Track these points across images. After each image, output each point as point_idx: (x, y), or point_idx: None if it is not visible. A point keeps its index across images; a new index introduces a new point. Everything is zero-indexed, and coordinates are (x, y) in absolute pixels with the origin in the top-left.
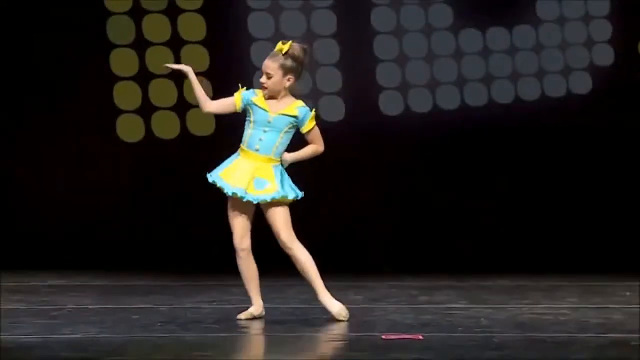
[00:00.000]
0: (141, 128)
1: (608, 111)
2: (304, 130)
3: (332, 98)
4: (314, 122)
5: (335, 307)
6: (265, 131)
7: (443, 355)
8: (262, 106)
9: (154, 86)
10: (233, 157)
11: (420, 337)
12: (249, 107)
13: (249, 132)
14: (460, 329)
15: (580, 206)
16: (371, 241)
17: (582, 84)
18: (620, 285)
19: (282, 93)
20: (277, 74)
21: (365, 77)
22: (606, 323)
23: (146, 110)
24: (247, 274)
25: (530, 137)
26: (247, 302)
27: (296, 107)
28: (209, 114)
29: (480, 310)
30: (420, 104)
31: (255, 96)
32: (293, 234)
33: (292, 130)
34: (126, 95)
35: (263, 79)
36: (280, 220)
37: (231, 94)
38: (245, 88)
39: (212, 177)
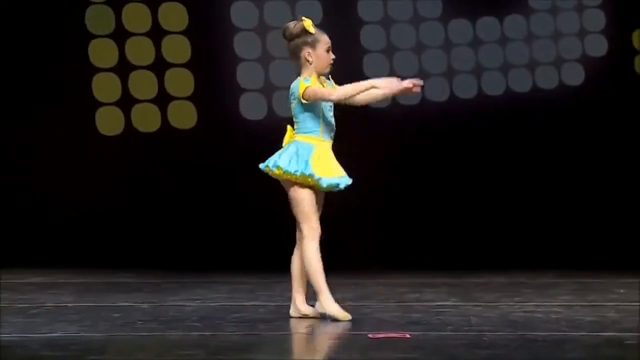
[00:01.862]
0: (121, 121)
1: (601, 103)
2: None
3: None
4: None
5: (309, 310)
6: (331, 116)
7: (431, 355)
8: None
9: (134, 78)
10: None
11: (408, 336)
12: None
13: (319, 120)
14: (449, 327)
15: (574, 201)
16: (358, 238)
17: (575, 75)
18: (615, 283)
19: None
20: None
21: (351, 69)
22: (600, 321)
23: (126, 102)
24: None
25: (522, 130)
26: (231, 300)
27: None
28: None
29: (471, 308)
30: (408, 96)
31: (309, 83)
32: None
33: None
34: (105, 87)
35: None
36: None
37: (213, 86)
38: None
39: (324, 181)
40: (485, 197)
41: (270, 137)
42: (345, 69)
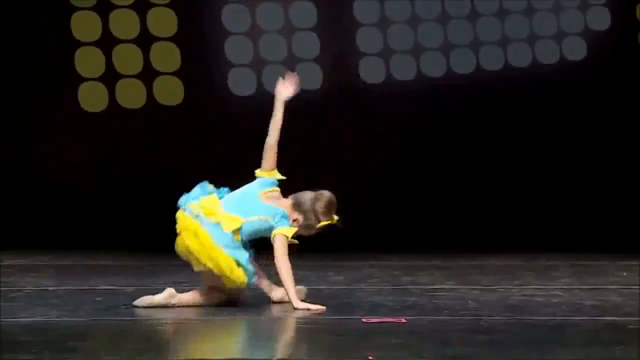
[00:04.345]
0: (105, 97)
1: (604, 79)
2: None
3: (309, 65)
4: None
5: None
6: None
7: (427, 340)
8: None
9: (119, 52)
10: None
11: (404, 321)
12: None
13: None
14: (445, 311)
15: (574, 181)
16: (352, 218)
17: (577, 50)
18: (617, 265)
19: None
20: None
21: (344, 43)
22: (601, 305)
23: (110, 78)
24: None
25: (521, 106)
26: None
27: None
28: None
29: (468, 291)
30: (403, 71)
31: None
32: None
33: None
34: (88, 62)
35: None
36: None
37: (201, 61)
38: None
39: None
40: (479, 178)
41: (260, 113)
42: (337, 43)
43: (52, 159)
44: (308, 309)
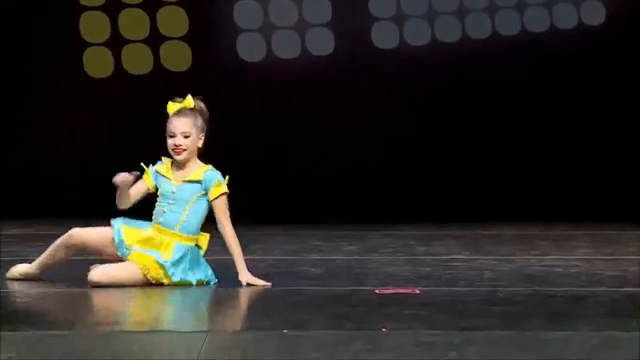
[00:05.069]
0: (110, 62)
1: (623, 44)
2: (210, 197)
3: (321, 30)
4: (222, 189)
5: None
6: (170, 204)
7: (442, 311)
8: (166, 175)
9: (124, 16)
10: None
11: (418, 292)
12: (157, 181)
13: (155, 205)
14: (461, 282)
15: (593, 148)
16: (364, 187)
17: (595, 14)
18: (637, 235)
19: (193, 157)
20: (193, 133)
21: (357, 7)
22: (621, 276)
23: (116, 43)
24: None
25: (538, 73)
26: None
27: (203, 171)
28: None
29: (484, 262)
30: (417, 36)
31: (161, 164)
32: None
33: (204, 200)
34: (94, 27)
35: (179, 140)
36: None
37: (209, 25)
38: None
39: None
40: (494, 144)
41: (269, 80)
42: (349, 8)
43: (56, 125)
44: (255, 284)
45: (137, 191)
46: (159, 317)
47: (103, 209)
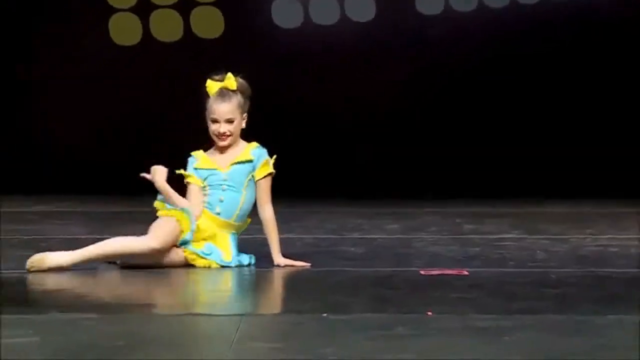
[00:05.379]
0: (138, 29)
1: None
2: (255, 176)
3: None
4: (269, 169)
5: None
6: (224, 190)
7: (491, 294)
8: (207, 166)
9: None
10: None
11: (466, 273)
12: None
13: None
14: (511, 263)
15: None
16: (409, 163)
17: None
18: None
19: (237, 139)
20: (237, 116)
21: None
22: None
23: (143, 8)
24: None
25: (593, 39)
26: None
27: (250, 149)
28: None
29: (535, 241)
30: (463, 2)
31: (195, 161)
32: None
33: (253, 182)
34: None
35: (223, 127)
36: None
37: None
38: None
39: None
40: (543, 118)
41: (306, 48)
42: None
43: (80, 96)
44: (292, 265)
45: (193, 196)
46: (193, 299)
47: (126, 184)
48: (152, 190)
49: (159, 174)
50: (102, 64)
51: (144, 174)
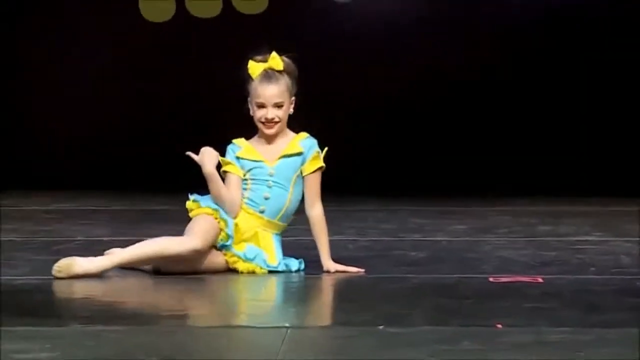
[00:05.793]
0: (171, 4)
1: None
2: (304, 171)
3: None
4: (319, 163)
5: None
6: (270, 187)
7: (569, 304)
8: (252, 157)
9: None
10: None
11: (540, 280)
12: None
13: (247, 192)
14: (592, 269)
15: None
16: (475, 154)
17: None
18: None
19: (284, 127)
20: (286, 100)
21: None
22: None
23: None
24: None
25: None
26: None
27: (299, 140)
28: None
29: (620, 244)
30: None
31: (239, 149)
32: None
33: (301, 178)
34: None
35: (271, 113)
36: None
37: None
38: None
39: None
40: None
41: (355, 23)
42: None
43: (107, 78)
44: (344, 271)
45: (233, 186)
46: (233, 310)
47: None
48: (178, 188)
49: (208, 157)
50: (133, 42)
51: (190, 153)
